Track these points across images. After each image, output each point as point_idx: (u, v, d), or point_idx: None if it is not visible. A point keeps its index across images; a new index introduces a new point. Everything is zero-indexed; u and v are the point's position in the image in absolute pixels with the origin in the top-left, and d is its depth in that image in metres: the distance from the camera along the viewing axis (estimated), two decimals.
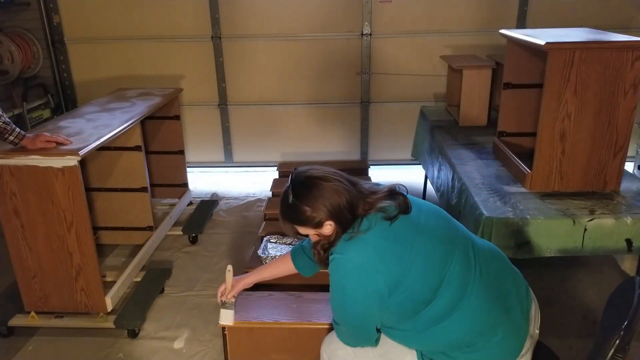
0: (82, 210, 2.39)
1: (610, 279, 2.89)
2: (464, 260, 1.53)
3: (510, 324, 1.53)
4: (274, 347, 2.14)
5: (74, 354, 2.48)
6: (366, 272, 1.46)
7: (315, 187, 1.50)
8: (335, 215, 1.49)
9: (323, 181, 1.51)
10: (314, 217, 1.50)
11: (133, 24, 4.27)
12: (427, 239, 1.51)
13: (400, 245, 1.48)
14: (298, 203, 1.51)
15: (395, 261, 1.47)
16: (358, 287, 1.48)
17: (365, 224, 1.49)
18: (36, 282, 2.52)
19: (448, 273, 1.49)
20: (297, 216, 1.53)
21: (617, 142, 2.32)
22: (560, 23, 4.01)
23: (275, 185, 3.60)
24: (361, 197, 1.53)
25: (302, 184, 1.53)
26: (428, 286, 1.48)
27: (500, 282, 1.57)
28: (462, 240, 1.57)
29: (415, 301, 1.49)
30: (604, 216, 2.19)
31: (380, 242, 1.48)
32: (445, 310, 1.49)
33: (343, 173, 1.58)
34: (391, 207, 1.51)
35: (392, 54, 4.27)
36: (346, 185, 1.52)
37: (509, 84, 2.74)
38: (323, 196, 1.49)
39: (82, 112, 3.06)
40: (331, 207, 1.48)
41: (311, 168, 1.58)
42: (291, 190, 1.52)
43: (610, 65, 2.20)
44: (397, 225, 1.50)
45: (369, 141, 4.54)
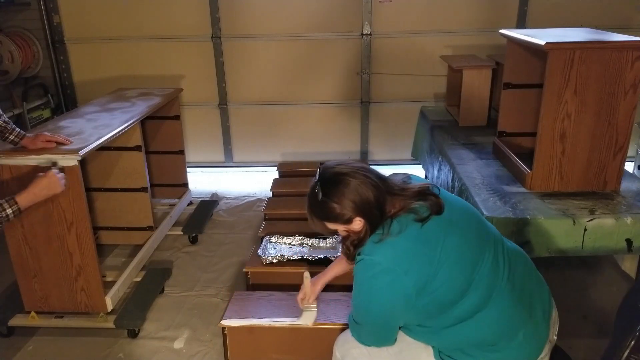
0: (82, 210, 2.39)
1: (610, 279, 2.89)
2: (493, 262, 1.52)
3: (532, 327, 1.53)
4: (274, 347, 2.14)
5: (74, 354, 2.48)
6: (394, 275, 1.44)
7: (343, 184, 1.48)
8: (364, 211, 1.47)
9: (351, 177, 1.48)
10: (344, 214, 1.48)
11: (133, 24, 4.27)
12: (458, 240, 1.49)
13: (430, 247, 1.46)
14: (327, 200, 1.49)
15: (424, 263, 1.45)
16: (385, 289, 1.47)
17: (396, 227, 1.47)
18: (36, 282, 2.52)
19: (477, 275, 1.48)
20: (326, 213, 1.51)
21: (617, 142, 2.32)
22: (560, 23, 4.00)
23: (275, 185, 3.60)
24: (390, 194, 1.51)
25: (330, 180, 1.50)
26: (456, 288, 1.47)
27: (526, 286, 1.57)
28: (492, 242, 1.56)
29: (442, 302, 1.48)
30: (604, 216, 2.19)
31: (410, 245, 1.46)
32: (471, 311, 1.48)
33: (372, 168, 1.56)
34: (423, 208, 1.49)
35: (392, 54, 4.27)
36: (374, 181, 1.49)
37: (509, 84, 2.74)
38: (351, 192, 1.47)
39: (82, 112, 3.06)
40: (360, 203, 1.46)
41: (339, 163, 1.55)
42: (320, 187, 1.50)
43: (610, 65, 2.20)
44: (429, 226, 1.47)
45: (369, 141, 4.54)
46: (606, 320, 2.56)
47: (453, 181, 2.75)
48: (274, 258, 2.52)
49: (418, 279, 1.44)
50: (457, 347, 1.55)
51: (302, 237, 2.71)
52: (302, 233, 2.75)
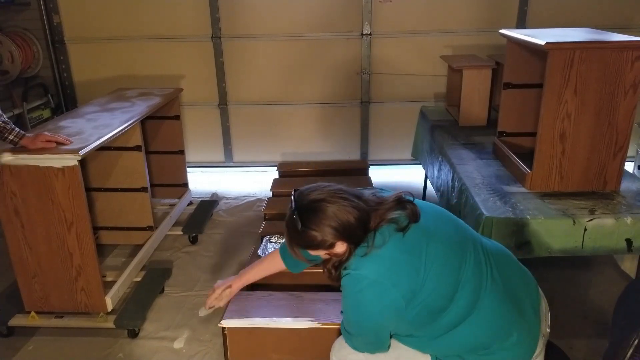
0: (82, 210, 2.39)
1: (610, 279, 2.89)
2: (476, 263, 1.51)
3: (525, 324, 1.53)
4: (274, 347, 2.14)
5: (74, 354, 2.48)
6: (382, 287, 1.43)
7: (321, 211, 1.45)
8: (345, 235, 1.45)
9: (328, 203, 1.45)
10: (325, 240, 1.46)
11: (133, 24, 4.27)
12: (440, 246, 1.49)
13: (415, 255, 1.45)
14: (306, 229, 1.45)
15: (411, 273, 1.44)
16: (374, 302, 1.46)
17: (379, 239, 1.45)
18: (36, 282, 2.52)
19: (462, 278, 1.48)
20: (307, 241, 1.49)
21: (617, 142, 2.32)
22: (560, 23, 4.00)
23: (275, 185, 3.60)
24: (370, 211, 1.48)
25: (307, 208, 1.47)
26: (444, 294, 1.47)
27: (511, 282, 1.56)
28: (471, 243, 1.55)
29: (432, 310, 1.48)
30: (604, 216, 2.19)
31: (395, 255, 1.45)
32: (461, 316, 1.48)
33: (346, 188, 1.53)
34: (401, 217, 1.48)
35: (392, 54, 4.27)
36: (353, 202, 1.47)
37: (509, 84, 2.74)
38: (331, 219, 1.44)
39: (82, 112, 3.06)
40: (341, 228, 1.44)
41: (314, 189, 1.52)
42: (297, 215, 1.47)
43: (610, 65, 2.20)
44: (410, 235, 1.47)
45: (369, 141, 4.54)
46: (606, 320, 2.56)
47: (453, 181, 2.75)
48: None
49: (406, 289, 1.44)
50: (453, 353, 1.55)
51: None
52: None
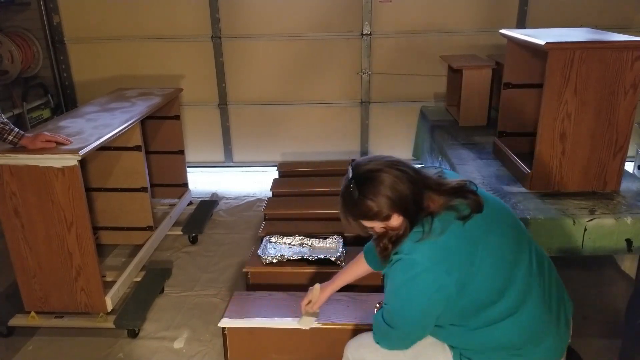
0: (82, 210, 2.39)
1: (610, 279, 2.89)
2: (529, 265, 1.50)
3: (558, 332, 1.52)
4: (274, 347, 2.14)
5: (74, 354, 2.48)
6: (436, 274, 1.41)
7: (378, 180, 1.43)
8: (401, 207, 1.43)
9: (385, 173, 1.44)
10: (381, 211, 1.43)
11: (133, 24, 4.27)
12: (498, 240, 1.47)
13: (472, 246, 1.44)
14: (362, 198, 1.44)
15: (466, 262, 1.42)
16: (426, 290, 1.43)
17: (438, 226, 1.43)
18: (36, 282, 2.52)
19: (514, 277, 1.46)
20: (362, 211, 1.46)
21: (617, 142, 2.32)
22: (560, 23, 4.01)
23: (275, 185, 3.60)
24: (427, 188, 1.46)
25: (364, 177, 1.45)
26: (494, 288, 1.45)
27: (552, 290, 1.55)
28: (527, 243, 1.54)
29: (480, 303, 1.46)
30: (604, 216, 2.19)
31: (452, 244, 1.43)
32: (505, 313, 1.46)
33: (406, 161, 1.51)
34: (463, 206, 1.45)
35: (392, 54, 4.26)
36: (410, 175, 1.45)
37: (509, 84, 2.74)
38: (387, 188, 1.42)
39: (82, 112, 3.06)
40: (397, 199, 1.42)
41: (372, 159, 1.50)
42: (355, 184, 1.45)
43: (610, 65, 2.20)
44: (470, 224, 1.44)
45: (369, 141, 4.54)
46: (606, 320, 2.56)
47: None
48: (274, 258, 2.53)
49: (459, 278, 1.41)
50: (481, 349, 1.52)
51: (302, 237, 2.71)
52: (302, 233, 2.75)
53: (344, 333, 2.05)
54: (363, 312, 2.14)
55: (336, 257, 2.50)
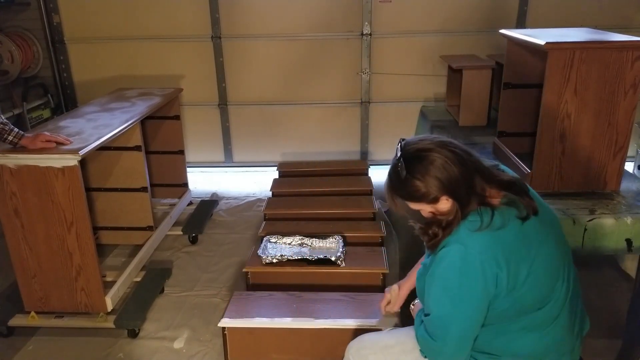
0: (82, 210, 2.39)
1: (610, 279, 2.89)
2: (567, 281, 1.46)
3: (575, 349, 1.52)
4: (274, 347, 2.14)
5: (74, 354, 2.48)
6: (491, 267, 1.34)
7: (427, 160, 1.37)
8: (451, 189, 1.37)
9: (436, 153, 1.38)
10: (429, 193, 1.38)
11: (133, 24, 4.27)
12: (550, 247, 1.43)
13: (528, 248, 1.38)
14: (410, 177, 1.39)
15: (519, 262, 1.37)
16: (479, 282, 1.35)
17: (499, 220, 1.36)
18: (36, 282, 2.52)
19: (556, 289, 1.43)
20: (410, 192, 1.41)
21: (617, 142, 2.32)
22: (560, 23, 4.00)
23: (275, 185, 3.60)
24: (478, 172, 1.40)
25: (413, 156, 1.40)
26: (540, 296, 1.41)
27: (578, 311, 1.54)
28: (569, 260, 1.50)
29: (523, 307, 1.41)
30: (604, 216, 2.19)
31: (510, 239, 1.37)
32: (541, 324, 1.44)
33: (458, 142, 1.45)
34: (521, 205, 1.40)
35: (392, 54, 4.26)
36: (461, 157, 1.38)
37: (509, 84, 2.74)
38: (436, 169, 1.36)
39: (82, 112, 3.06)
40: (446, 181, 1.36)
41: (423, 139, 1.44)
42: (403, 163, 1.40)
43: (610, 65, 2.20)
44: (528, 225, 1.39)
45: (369, 141, 4.54)
46: (606, 320, 2.56)
47: None
48: (274, 258, 2.53)
49: (510, 276, 1.36)
50: (500, 353, 1.48)
51: (302, 237, 2.71)
52: (302, 233, 2.75)
53: (344, 333, 2.05)
54: (363, 312, 2.14)
55: (336, 257, 2.50)
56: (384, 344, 1.66)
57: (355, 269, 2.49)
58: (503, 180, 1.44)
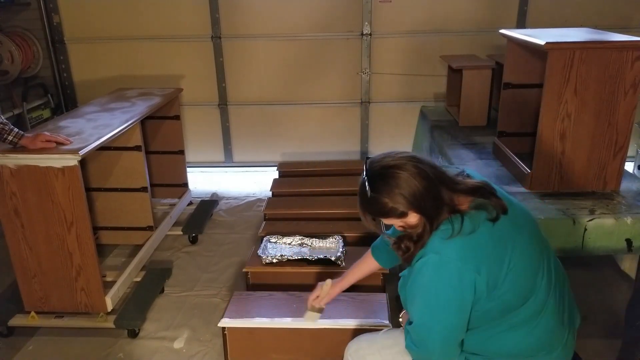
0: (82, 210, 2.39)
1: (610, 279, 2.89)
2: (548, 272, 1.48)
3: (566, 343, 1.52)
4: (274, 347, 2.14)
5: (74, 354, 2.48)
6: (467, 272, 1.36)
7: (391, 177, 1.40)
8: (417, 204, 1.39)
9: (399, 170, 1.41)
10: (395, 209, 1.41)
11: (133, 24, 4.27)
12: (525, 244, 1.44)
13: (502, 247, 1.40)
14: (376, 195, 1.41)
15: (496, 262, 1.38)
16: (457, 288, 1.37)
17: (469, 225, 1.39)
18: (36, 282, 2.52)
19: (537, 283, 1.44)
20: (377, 209, 1.45)
21: (617, 142, 2.32)
22: (560, 23, 4.01)
23: (275, 185, 3.60)
24: (443, 183, 1.42)
25: (377, 174, 1.43)
26: (520, 293, 1.42)
27: (566, 301, 1.54)
28: (547, 251, 1.51)
29: (506, 306, 1.43)
30: (604, 216, 2.19)
31: (484, 242, 1.39)
32: (526, 320, 1.44)
33: (423, 157, 1.47)
34: (489, 207, 1.42)
35: (392, 54, 4.26)
36: (425, 172, 1.41)
37: (509, 84, 2.74)
38: (400, 186, 1.39)
39: (82, 112, 3.06)
40: (411, 196, 1.38)
41: (386, 156, 1.48)
42: (367, 183, 1.43)
43: (610, 65, 2.20)
44: (499, 225, 1.41)
45: (369, 141, 4.54)
46: (606, 321, 2.56)
47: None
48: (274, 258, 2.53)
49: (489, 278, 1.38)
50: (491, 354, 1.50)
51: (302, 237, 2.71)
52: (302, 233, 2.75)
53: (343, 333, 2.05)
54: (363, 312, 2.15)
55: (336, 257, 2.50)
56: (382, 345, 1.67)
57: None
58: (468, 186, 1.46)
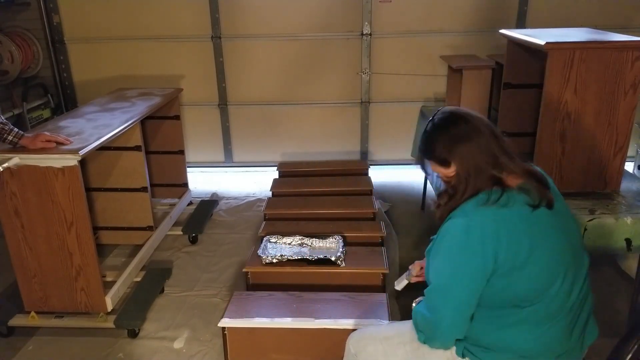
0: (82, 210, 2.39)
1: (610, 279, 2.89)
2: (571, 285, 1.46)
3: (574, 353, 1.52)
4: (274, 347, 2.14)
5: (74, 353, 2.48)
6: (490, 241, 1.36)
7: (453, 125, 1.45)
8: (463, 158, 1.42)
9: (464, 122, 1.44)
10: (441, 154, 1.45)
11: (133, 24, 4.27)
12: (557, 245, 1.43)
13: (530, 234, 1.39)
14: (433, 136, 1.47)
15: (518, 245, 1.37)
16: (477, 255, 1.37)
17: (505, 200, 1.40)
18: (36, 282, 2.52)
19: (555, 289, 1.42)
20: (428, 148, 1.50)
21: (617, 142, 2.32)
22: (560, 23, 4.00)
23: (275, 185, 3.60)
24: (500, 156, 1.43)
25: (444, 118, 1.48)
26: (533, 289, 1.41)
27: (582, 319, 1.53)
28: (580, 265, 1.50)
29: (515, 296, 1.42)
30: (604, 216, 2.19)
31: (513, 220, 1.39)
32: (536, 320, 1.43)
33: (497, 130, 1.48)
34: (534, 193, 1.42)
35: (392, 54, 4.26)
36: (486, 133, 1.43)
37: (509, 84, 2.74)
38: (457, 136, 1.43)
39: (82, 112, 3.06)
40: (460, 150, 1.42)
41: (469, 111, 1.51)
42: (431, 121, 1.48)
43: (610, 65, 2.20)
44: (538, 215, 1.41)
45: (369, 141, 4.54)
46: (606, 321, 2.56)
47: None
48: (274, 258, 2.53)
49: (508, 256, 1.37)
50: (492, 347, 1.49)
51: (302, 237, 2.71)
52: (302, 233, 2.75)
53: (344, 333, 2.05)
54: (363, 312, 2.15)
55: (336, 257, 2.50)
56: (384, 335, 1.68)
57: (355, 269, 2.49)
58: (523, 168, 1.47)
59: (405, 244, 3.29)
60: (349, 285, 2.44)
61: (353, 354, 1.72)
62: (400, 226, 3.53)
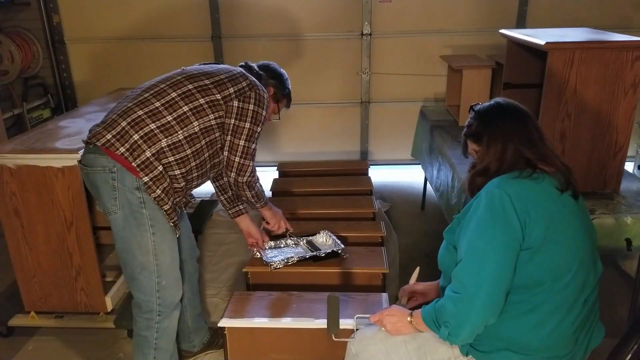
0: (82, 210, 2.39)
1: (610, 279, 2.89)
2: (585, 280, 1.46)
3: (576, 355, 1.51)
4: (274, 347, 2.14)
5: (74, 354, 2.48)
6: (522, 213, 1.40)
7: (502, 110, 1.57)
8: (504, 136, 1.51)
9: (508, 106, 1.57)
10: (476, 127, 1.57)
11: (133, 24, 4.27)
12: (576, 235, 1.46)
13: (553, 214, 1.43)
14: (477, 114, 1.58)
15: (542, 221, 1.40)
16: (511, 225, 1.39)
17: (535, 177, 1.47)
18: (36, 282, 2.52)
19: (568, 277, 1.42)
20: (469, 123, 1.61)
21: (617, 142, 2.32)
22: (560, 23, 4.01)
23: (275, 185, 3.59)
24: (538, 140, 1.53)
25: (497, 103, 1.59)
26: (549, 272, 1.41)
27: (590, 319, 1.53)
28: (593, 264, 1.50)
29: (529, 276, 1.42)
30: (604, 216, 2.19)
31: (542, 197, 1.45)
32: (542, 313, 1.43)
33: (535, 119, 1.58)
34: (563, 180, 1.49)
35: (392, 54, 4.27)
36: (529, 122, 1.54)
37: (509, 84, 2.74)
38: (498, 118, 1.55)
39: (82, 112, 3.06)
40: (504, 128, 1.52)
41: (519, 104, 1.61)
42: (483, 104, 1.60)
43: (610, 65, 2.20)
44: (562, 199, 1.47)
45: (369, 141, 4.54)
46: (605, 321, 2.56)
47: (453, 181, 2.75)
48: (281, 263, 2.46)
49: (533, 229, 1.40)
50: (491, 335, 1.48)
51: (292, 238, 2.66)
52: (302, 233, 2.74)
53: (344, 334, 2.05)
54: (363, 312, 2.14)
55: (340, 248, 2.48)
56: (385, 334, 1.67)
57: (355, 269, 2.48)
58: (558, 160, 1.53)
59: (405, 244, 3.29)
60: (349, 285, 2.43)
61: (354, 354, 1.72)
62: (400, 226, 3.53)
